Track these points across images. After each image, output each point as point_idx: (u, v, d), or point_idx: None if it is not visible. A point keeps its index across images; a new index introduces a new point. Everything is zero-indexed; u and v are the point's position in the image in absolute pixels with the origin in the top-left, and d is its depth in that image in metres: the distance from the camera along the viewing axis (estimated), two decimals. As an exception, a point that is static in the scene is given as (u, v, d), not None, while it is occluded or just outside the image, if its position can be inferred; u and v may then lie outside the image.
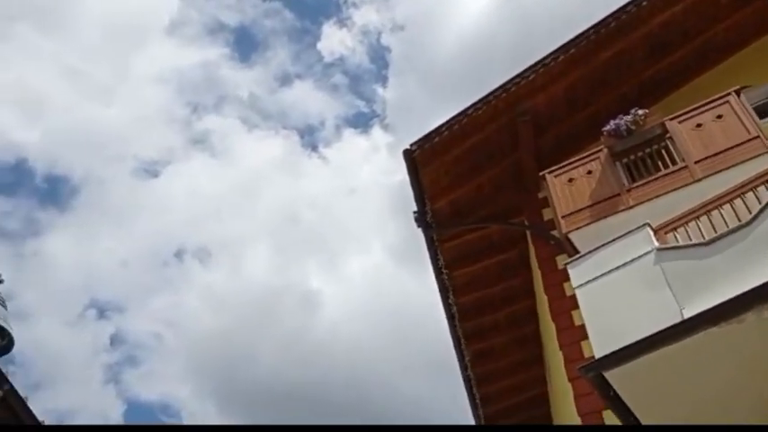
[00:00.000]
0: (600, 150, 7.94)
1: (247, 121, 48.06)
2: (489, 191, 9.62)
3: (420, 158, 8.75)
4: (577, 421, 7.38)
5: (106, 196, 43.11)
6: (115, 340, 47.46)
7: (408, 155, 8.71)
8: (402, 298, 41.03)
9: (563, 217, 7.67)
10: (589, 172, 7.85)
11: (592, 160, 7.93)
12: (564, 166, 8.09)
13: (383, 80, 51.96)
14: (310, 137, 50.60)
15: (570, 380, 7.62)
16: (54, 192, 44.92)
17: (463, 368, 11.43)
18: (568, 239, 7.53)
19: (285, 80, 48.13)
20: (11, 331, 5.27)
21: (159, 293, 46.03)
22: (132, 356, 44.85)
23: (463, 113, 8.70)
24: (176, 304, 44.17)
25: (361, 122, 51.40)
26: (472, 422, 12.36)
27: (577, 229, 7.48)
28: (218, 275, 44.11)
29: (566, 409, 8.59)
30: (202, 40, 44.93)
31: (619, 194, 7.45)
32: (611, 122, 7.77)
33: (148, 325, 43.65)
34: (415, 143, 8.68)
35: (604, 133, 7.85)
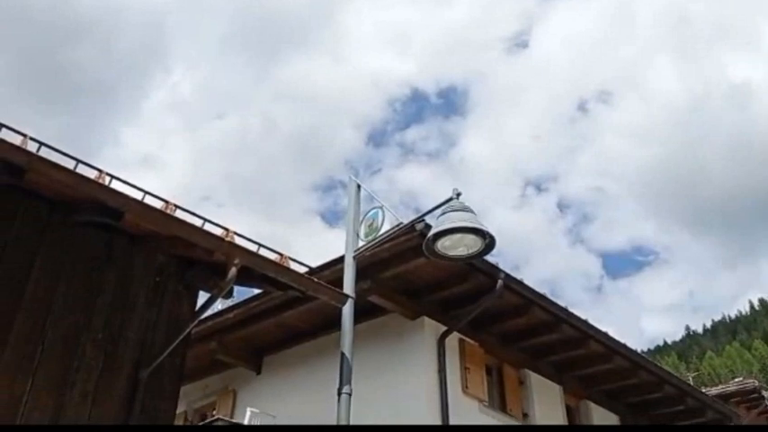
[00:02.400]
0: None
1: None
2: None
3: None
4: None
5: (491, 86, 43.75)
6: (562, 206, 48.85)
7: None
8: None
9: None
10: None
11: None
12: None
13: None
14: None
15: None
16: (450, 103, 46.36)
17: None
18: None
19: None
20: (489, 231, 5.66)
21: (580, 150, 46.03)
22: (584, 214, 45.62)
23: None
24: (600, 152, 44.28)
25: None
26: None
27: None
28: (628, 108, 43.16)
29: None
30: None
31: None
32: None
33: (585, 181, 43.96)
34: None
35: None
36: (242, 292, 10.72)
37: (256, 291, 10.22)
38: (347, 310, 6.83)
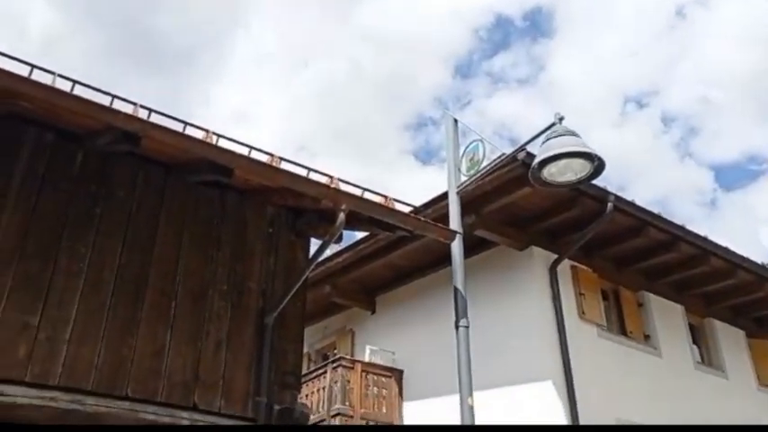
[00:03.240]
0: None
1: None
2: None
3: None
4: None
5: (578, 2, 43.62)
6: (666, 120, 49.16)
7: None
8: None
9: None
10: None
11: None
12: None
13: None
14: None
15: None
16: (536, 25, 47.20)
17: None
18: None
19: None
20: (598, 154, 5.79)
21: (681, 59, 45.60)
22: (691, 127, 45.89)
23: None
24: (702, 60, 43.79)
25: None
26: None
27: None
28: (729, 10, 41.43)
29: None
30: None
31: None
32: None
33: (688, 92, 43.94)
34: None
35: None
36: (348, 237, 10.98)
37: (361, 234, 10.47)
38: (456, 246, 6.85)
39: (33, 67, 5.04)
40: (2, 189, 5.34)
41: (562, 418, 8.77)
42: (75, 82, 5.17)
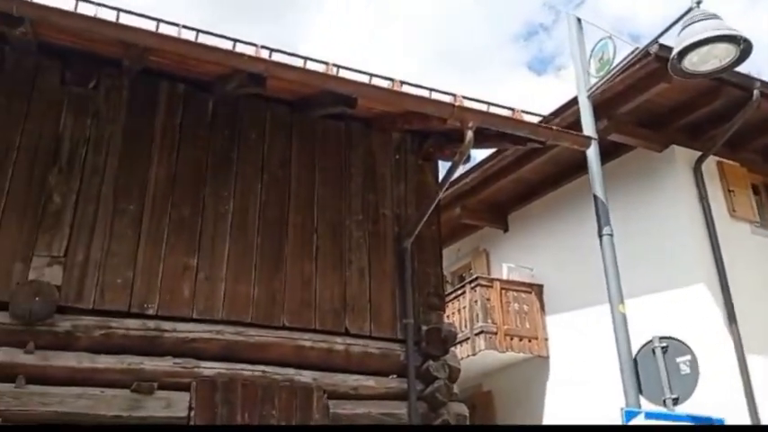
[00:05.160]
0: None
1: None
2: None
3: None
4: None
5: None
6: None
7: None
8: None
9: None
10: None
11: None
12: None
13: None
14: None
15: None
16: None
17: None
18: None
19: None
20: (743, 35, 5.68)
21: None
22: None
23: None
24: None
25: None
26: None
27: None
28: None
29: None
30: None
31: None
32: None
33: None
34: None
35: None
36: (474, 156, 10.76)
37: (489, 152, 10.26)
38: (592, 153, 6.55)
39: (159, 21, 5.21)
40: (147, 143, 5.66)
41: (719, 320, 8.39)
42: (198, 31, 5.31)
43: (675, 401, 5.18)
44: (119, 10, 5.10)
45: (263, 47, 5.61)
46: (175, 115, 5.87)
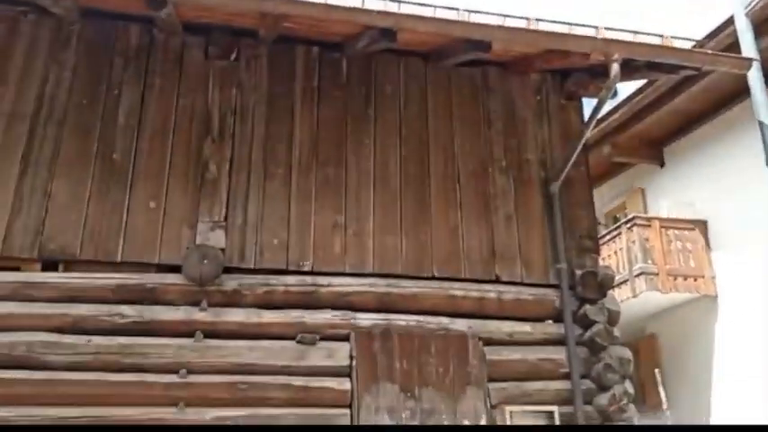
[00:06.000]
0: None
1: None
2: None
3: None
4: None
5: None
6: None
7: None
8: None
9: None
10: None
11: None
12: None
13: None
14: None
15: None
16: None
17: None
18: None
19: None
20: None
21: None
22: None
23: None
24: None
25: None
26: None
27: None
28: None
29: None
30: None
31: None
32: None
33: None
34: None
35: None
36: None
37: (638, 84, 9.66)
38: (755, 76, 5.97)
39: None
40: (289, 108, 5.87)
41: None
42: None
43: None
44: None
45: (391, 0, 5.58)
46: (312, 78, 6.03)
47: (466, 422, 5.22)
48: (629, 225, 10.11)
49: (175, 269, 5.18)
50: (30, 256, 5.04)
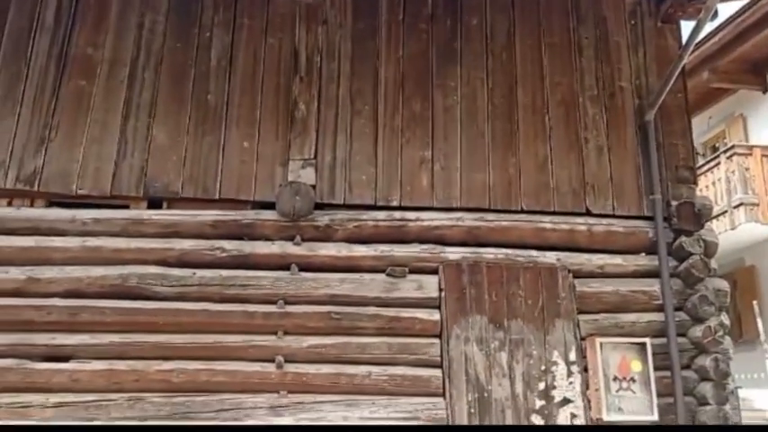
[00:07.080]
0: None
1: None
2: None
3: None
4: None
5: None
6: None
7: None
8: None
9: None
10: None
11: None
12: None
13: None
14: None
15: None
16: None
17: None
18: None
19: None
20: None
21: None
22: None
23: None
24: None
25: None
26: None
27: None
28: None
29: None
30: None
31: None
32: None
33: None
34: None
35: None
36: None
37: (740, 4, 9.04)
38: None
39: None
40: (374, 44, 5.86)
41: None
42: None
43: None
44: None
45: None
46: (397, 12, 5.97)
47: (555, 353, 5.27)
48: (728, 154, 9.66)
49: (269, 206, 5.38)
50: (137, 195, 5.36)
